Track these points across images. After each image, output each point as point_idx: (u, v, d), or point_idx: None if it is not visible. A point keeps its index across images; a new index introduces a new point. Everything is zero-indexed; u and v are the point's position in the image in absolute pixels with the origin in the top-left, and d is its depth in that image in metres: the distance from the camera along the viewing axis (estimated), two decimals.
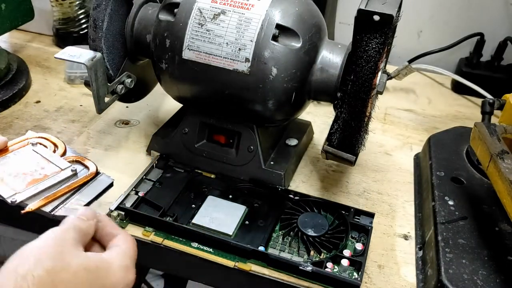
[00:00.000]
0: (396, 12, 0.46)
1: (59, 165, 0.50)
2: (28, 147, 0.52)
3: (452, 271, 0.46)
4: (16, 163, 0.50)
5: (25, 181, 0.48)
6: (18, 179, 0.48)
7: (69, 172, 0.49)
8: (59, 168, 0.50)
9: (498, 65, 0.87)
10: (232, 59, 0.52)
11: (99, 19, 0.56)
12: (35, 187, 0.47)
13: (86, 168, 0.51)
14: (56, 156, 0.52)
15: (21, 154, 0.51)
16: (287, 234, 0.52)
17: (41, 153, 0.52)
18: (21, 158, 0.51)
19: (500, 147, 0.49)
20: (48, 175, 0.49)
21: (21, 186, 0.47)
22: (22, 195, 0.46)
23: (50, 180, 0.48)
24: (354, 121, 0.50)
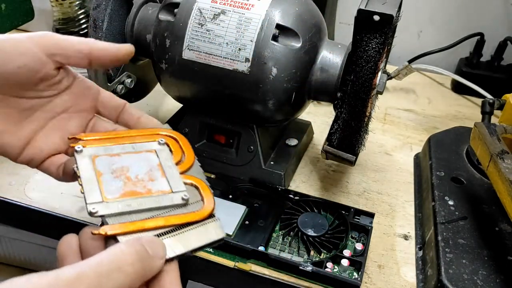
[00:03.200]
0: (396, 12, 0.46)
1: (173, 184, 0.38)
2: (153, 143, 0.41)
3: (452, 271, 0.46)
4: (127, 159, 0.39)
5: (121, 189, 0.36)
6: (116, 182, 0.37)
7: (179, 199, 0.37)
8: (169, 188, 0.37)
9: (498, 65, 0.87)
10: (232, 59, 0.52)
11: (99, 19, 0.56)
12: (128, 203, 0.35)
13: (201, 201, 0.38)
14: (175, 169, 0.39)
15: (140, 149, 0.40)
16: (287, 234, 0.52)
17: (162, 159, 0.40)
18: (137, 155, 0.39)
19: (500, 147, 0.49)
20: (152, 193, 0.37)
21: (114, 193, 0.36)
22: (108, 208, 0.34)
23: (150, 201, 0.36)
24: (354, 121, 0.50)
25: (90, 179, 0.36)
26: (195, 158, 0.41)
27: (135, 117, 0.43)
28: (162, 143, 0.41)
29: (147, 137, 0.41)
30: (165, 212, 0.35)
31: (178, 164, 0.40)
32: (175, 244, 0.33)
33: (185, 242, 0.34)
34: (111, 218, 0.34)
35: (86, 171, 0.37)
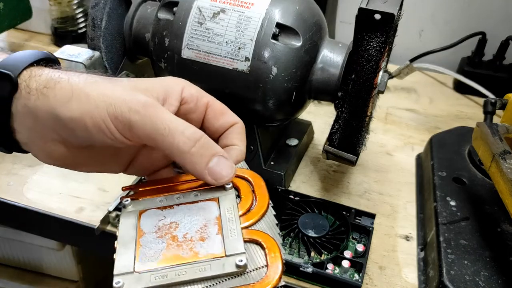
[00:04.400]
0: (397, 11, 0.46)
1: (228, 244, 0.30)
2: (219, 189, 0.34)
3: (454, 272, 0.46)
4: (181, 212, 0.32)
5: (161, 254, 0.29)
6: (157, 244, 0.30)
7: (232, 266, 0.28)
8: (222, 250, 0.29)
9: (500, 64, 0.87)
10: (231, 58, 0.52)
11: (98, 18, 0.55)
12: (165, 273, 0.28)
13: (265, 267, 0.29)
14: (237, 223, 0.31)
15: (203, 197, 0.33)
16: (287, 235, 0.52)
17: (223, 209, 0.32)
18: (195, 205, 0.33)
19: (502, 147, 0.49)
20: (199, 257, 0.29)
21: (150, 260, 0.29)
22: (138, 281, 0.28)
23: (193, 269, 0.28)
24: (355, 121, 0.50)
25: (128, 241, 0.30)
26: (270, 204, 0.33)
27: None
28: (229, 187, 0.33)
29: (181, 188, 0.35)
30: (214, 285, 0.27)
31: (244, 215, 0.32)
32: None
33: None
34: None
35: (126, 230, 0.31)
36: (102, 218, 0.52)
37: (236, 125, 0.38)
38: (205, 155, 0.33)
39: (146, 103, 0.33)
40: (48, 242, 0.72)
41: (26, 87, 0.33)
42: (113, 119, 0.32)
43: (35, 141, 0.35)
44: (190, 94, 0.37)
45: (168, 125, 0.32)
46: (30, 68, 0.34)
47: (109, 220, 0.52)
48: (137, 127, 0.32)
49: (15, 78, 0.33)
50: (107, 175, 0.58)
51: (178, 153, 0.32)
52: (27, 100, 0.33)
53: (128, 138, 0.33)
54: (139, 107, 0.33)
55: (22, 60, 0.34)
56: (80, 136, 0.33)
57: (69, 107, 0.33)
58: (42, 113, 0.33)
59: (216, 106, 0.38)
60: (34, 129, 0.34)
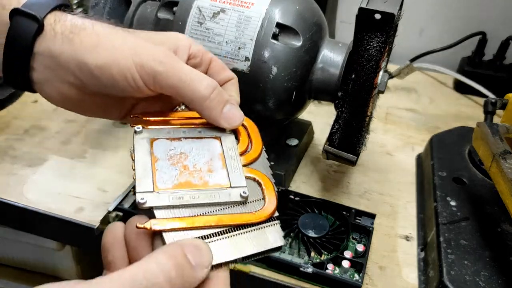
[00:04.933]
0: (397, 11, 0.46)
1: (233, 178, 0.34)
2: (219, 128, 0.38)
3: (454, 272, 0.46)
4: (188, 145, 0.36)
5: (176, 178, 0.33)
6: (171, 170, 0.34)
7: (237, 196, 0.33)
8: (228, 182, 0.34)
9: (501, 64, 0.87)
10: (231, 58, 0.52)
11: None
12: (181, 195, 0.32)
13: (262, 200, 0.34)
14: (238, 161, 0.36)
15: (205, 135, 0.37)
16: (287, 235, 0.51)
17: (225, 148, 0.36)
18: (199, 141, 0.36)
19: (502, 147, 0.49)
20: (209, 186, 0.33)
21: (167, 183, 0.33)
22: (158, 199, 0.31)
23: (205, 195, 0.32)
24: (355, 121, 0.50)
25: (145, 164, 0.34)
26: (263, 149, 0.38)
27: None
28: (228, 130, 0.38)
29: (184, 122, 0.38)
30: (220, 210, 0.32)
31: (242, 155, 0.36)
32: (225, 249, 0.30)
33: (237, 247, 0.30)
34: (159, 211, 0.31)
35: (142, 155, 0.34)
36: (102, 218, 0.52)
37: (233, 80, 0.42)
38: (220, 102, 0.36)
39: (168, 55, 0.36)
40: (47, 242, 0.71)
41: (52, 30, 0.35)
42: (138, 69, 0.34)
43: (52, 82, 0.36)
44: (197, 49, 0.39)
45: (189, 75, 0.35)
46: (54, 12, 0.36)
47: (109, 220, 0.52)
48: (162, 77, 0.35)
49: (42, 19, 0.34)
50: (107, 175, 0.58)
51: (198, 100, 0.35)
52: (52, 43, 0.34)
53: (150, 88, 0.35)
54: (162, 58, 0.35)
55: (46, 3, 0.35)
56: (104, 83, 0.35)
57: (95, 54, 0.34)
58: (66, 57, 0.34)
59: (217, 62, 0.41)
60: (55, 71, 0.35)
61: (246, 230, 0.32)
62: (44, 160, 0.62)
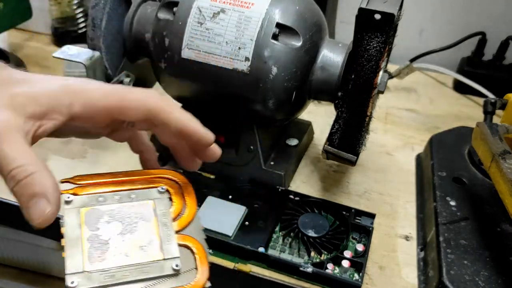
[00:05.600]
0: (397, 11, 0.46)
1: (166, 249, 0.32)
2: (153, 191, 0.36)
3: (453, 272, 0.46)
4: (120, 213, 0.34)
5: (107, 254, 0.31)
6: (102, 246, 0.32)
7: (169, 269, 0.32)
8: (161, 254, 0.32)
9: (500, 65, 0.87)
10: (231, 58, 0.52)
11: (98, 18, 0.55)
12: (112, 273, 0.31)
13: (194, 269, 0.33)
14: (171, 228, 0.34)
15: (138, 198, 0.35)
16: (287, 235, 0.52)
17: (159, 213, 0.34)
18: (132, 207, 0.34)
19: (502, 147, 0.49)
20: (141, 260, 0.32)
21: (98, 260, 0.31)
22: (89, 280, 0.30)
23: (137, 271, 0.31)
24: (355, 121, 0.50)
25: (75, 240, 0.31)
26: (197, 210, 0.36)
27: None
28: (163, 191, 0.35)
29: (149, 181, 0.36)
30: (153, 285, 0.31)
31: (176, 219, 0.34)
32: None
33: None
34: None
35: (72, 229, 0.32)
36: None
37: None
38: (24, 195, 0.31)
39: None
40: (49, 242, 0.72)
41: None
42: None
43: None
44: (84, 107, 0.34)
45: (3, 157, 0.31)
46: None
47: None
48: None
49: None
50: None
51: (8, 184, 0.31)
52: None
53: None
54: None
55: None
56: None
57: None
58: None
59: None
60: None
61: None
62: (44, 160, 0.61)
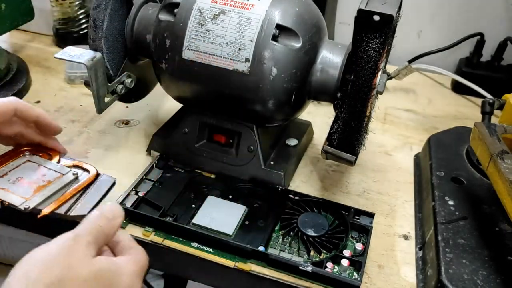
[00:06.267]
0: (396, 12, 0.46)
1: (60, 171, 0.52)
2: (23, 157, 0.55)
3: (452, 271, 0.46)
4: (17, 173, 0.52)
5: (31, 189, 0.50)
6: (23, 188, 0.50)
7: (71, 176, 0.52)
8: (60, 174, 0.52)
9: (498, 65, 0.87)
10: (232, 59, 0.52)
11: (99, 19, 0.56)
12: (42, 193, 0.49)
13: (86, 171, 0.53)
14: (53, 163, 0.54)
15: (18, 164, 0.53)
16: (287, 234, 0.52)
17: (38, 162, 0.54)
18: (20, 168, 0.53)
19: (500, 147, 0.49)
20: (52, 181, 0.51)
21: (28, 193, 0.49)
22: (33, 201, 0.48)
23: (55, 185, 0.50)
24: (354, 121, 0.50)
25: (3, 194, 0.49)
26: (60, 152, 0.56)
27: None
28: (28, 154, 0.55)
29: (15, 156, 0.55)
30: (69, 187, 0.50)
31: (51, 160, 0.54)
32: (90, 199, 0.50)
33: (95, 194, 0.50)
34: (41, 205, 0.48)
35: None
36: None
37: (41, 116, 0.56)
38: None
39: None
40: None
41: None
42: None
43: None
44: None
45: None
46: None
47: None
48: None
49: None
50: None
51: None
52: None
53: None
54: None
55: None
56: None
57: None
58: None
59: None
60: None
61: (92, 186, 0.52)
62: None
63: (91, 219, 0.39)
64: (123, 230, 0.43)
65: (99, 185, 0.52)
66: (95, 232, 0.38)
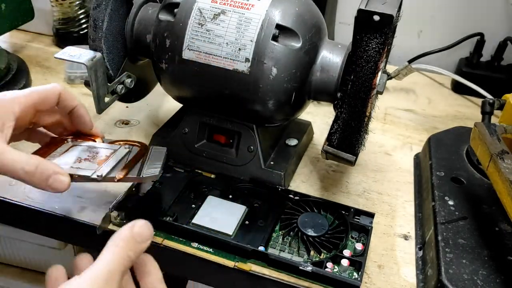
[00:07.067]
0: (396, 12, 0.46)
1: (111, 148, 0.53)
2: (67, 144, 0.53)
3: (452, 271, 0.46)
4: (73, 154, 0.51)
5: (94, 163, 0.50)
6: (86, 163, 0.50)
7: (125, 150, 0.53)
8: (113, 150, 0.53)
9: (498, 65, 0.88)
10: (232, 59, 0.52)
11: (99, 19, 0.56)
12: (107, 163, 0.50)
13: (136, 146, 0.54)
14: (101, 143, 0.54)
15: (66, 149, 0.52)
16: (287, 234, 0.52)
17: (86, 145, 0.53)
18: (70, 151, 0.52)
19: (500, 147, 0.49)
20: (109, 156, 0.51)
21: (94, 166, 0.50)
22: (103, 170, 0.49)
23: (114, 158, 0.51)
24: (354, 121, 0.50)
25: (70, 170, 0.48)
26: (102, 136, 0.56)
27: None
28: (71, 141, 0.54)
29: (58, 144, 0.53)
30: (128, 157, 0.52)
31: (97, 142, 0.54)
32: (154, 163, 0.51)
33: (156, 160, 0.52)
34: (112, 173, 0.49)
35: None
36: (104, 217, 0.52)
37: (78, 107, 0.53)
38: (44, 177, 0.44)
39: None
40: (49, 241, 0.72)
41: None
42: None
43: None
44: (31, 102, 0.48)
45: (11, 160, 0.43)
46: None
47: (111, 219, 0.53)
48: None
49: None
50: None
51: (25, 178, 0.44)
52: None
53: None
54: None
55: None
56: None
57: None
58: None
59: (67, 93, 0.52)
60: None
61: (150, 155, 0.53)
62: None
63: (121, 245, 0.37)
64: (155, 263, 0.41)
65: (154, 153, 0.53)
66: (125, 264, 0.36)
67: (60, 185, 0.46)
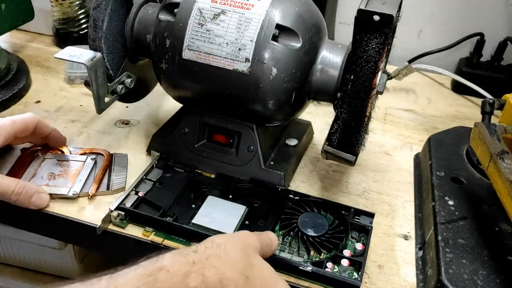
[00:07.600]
0: (396, 12, 0.46)
1: (79, 159, 0.59)
2: (38, 158, 0.59)
3: (452, 271, 0.46)
4: (44, 171, 0.57)
5: (67, 179, 0.56)
6: (59, 180, 0.56)
7: (91, 161, 0.59)
8: (81, 161, 0.59)
9: (498, 65, 0.87)
10: (232, 59, 0.52)
11: (99, 19, 0.56)
12: (79, 179, 0.56)
13: (100, 154, 0.60)
14: (69, 155, 0.60)
15: (39, 164, 0.58)
16: (287, 234, 0.52)
17: (56, 158, 0.59)
18: (44, 166, 0.58)
19: (500, 147, 0.49)
20: (79, 169, 0.57)
21: (67, 183, 0.55)
22: (77, 187, 0.55)
23: (84, 171, 0.57)
24: (354, 121, 0.50)
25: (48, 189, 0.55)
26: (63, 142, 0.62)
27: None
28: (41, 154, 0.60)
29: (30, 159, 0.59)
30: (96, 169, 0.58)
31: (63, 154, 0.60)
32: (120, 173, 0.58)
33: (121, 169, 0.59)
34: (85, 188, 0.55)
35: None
36: (104, 217, 0.52)
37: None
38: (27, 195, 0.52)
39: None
40: (49, 241, 0.72)
41: None
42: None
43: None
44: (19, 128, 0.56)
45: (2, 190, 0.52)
46: None
47: (111, 219, 0.53)
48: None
49: None
50: None
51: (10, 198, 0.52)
52: None
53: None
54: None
55: None
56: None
57: None
58: None
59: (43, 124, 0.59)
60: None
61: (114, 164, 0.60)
62: None
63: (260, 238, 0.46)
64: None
65: (118, 160, 0.60)
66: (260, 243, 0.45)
67: (41, 202, 0.53)
